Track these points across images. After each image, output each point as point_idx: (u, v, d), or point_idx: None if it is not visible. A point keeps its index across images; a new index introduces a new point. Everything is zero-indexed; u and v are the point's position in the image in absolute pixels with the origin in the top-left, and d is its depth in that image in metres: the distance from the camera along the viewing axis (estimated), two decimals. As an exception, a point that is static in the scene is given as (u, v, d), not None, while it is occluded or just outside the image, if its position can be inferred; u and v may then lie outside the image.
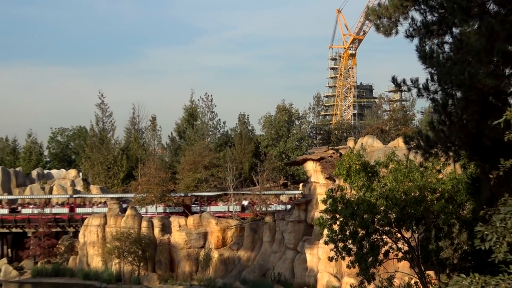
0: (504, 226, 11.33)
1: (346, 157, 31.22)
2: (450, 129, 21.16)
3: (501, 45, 19.52)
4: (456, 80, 20.23)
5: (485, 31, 20.19)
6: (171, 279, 77.33)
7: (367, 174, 30.24)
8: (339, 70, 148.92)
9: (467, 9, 21.17)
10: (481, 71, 20.24)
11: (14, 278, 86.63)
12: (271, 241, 73.72)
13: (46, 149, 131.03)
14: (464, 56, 20.46)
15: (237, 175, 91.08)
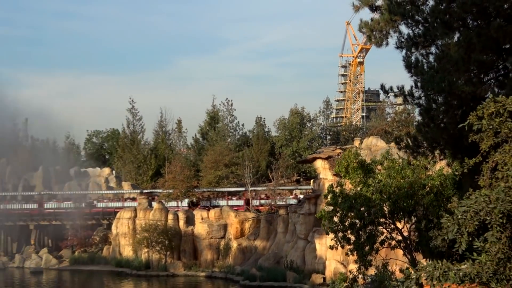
0: (465, 218, 11.61)
1: (345, 156, 31.49)
2: (433, 131, 21.38)
3: (477, 55, 19.77)
4: (438, 87, 20.45)
5: (463, 43, 20.44)
6: (194, 266, 77.79)
7: (363, 171, 30.49)
8: (349, 76, 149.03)
9: (448, 23, 21.40)
10: (459, 79, 20.50)
11: (54, 266, 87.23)
12: (285, 232, 73.91)
13: (83, 150, 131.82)
14: (444, 65, 20.69)
15: (254, 173, 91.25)
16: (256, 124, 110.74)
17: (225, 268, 74.84)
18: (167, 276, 76.57)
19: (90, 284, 76.91)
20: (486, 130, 12.52)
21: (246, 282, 68.12)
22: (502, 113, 12.44)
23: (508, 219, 11.51)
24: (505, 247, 11.50)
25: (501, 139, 12.45)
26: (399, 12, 23.21)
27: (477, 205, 11.61)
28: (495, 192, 11.75)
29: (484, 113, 12.60)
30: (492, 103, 12.58)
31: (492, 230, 11.44)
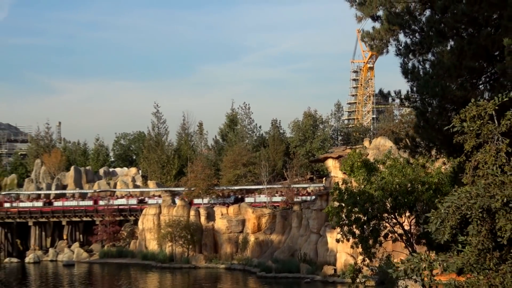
0: (447, 212, 11.80)
1: (350, 155, 31.65)
2: (428, 132, 21.51)
3: (468, 62, 19.88)
4: (432, 91, 20.57)
5: (456, 50, 20.55)
6: (215, 259, 78.07)
7: (367, 169, 30.62)
8: (360, 81, 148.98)
9: (442, 32, 21.53)
10: (452, 84, 20.63)
11: (84, 259, 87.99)
12: (298, 227, 74.01)
13: (111, 151, 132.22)
14: (438, 71, 20.81)
15: (270, 171, 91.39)
16: (272, 126, 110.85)
17: (243, 260, 75.14)
18: (189, 268, 76.96)
19: (118, 276, 77.25)
20: (469, 131, 12.71)
21: (262, 273, 68.36)
22: (483, 116, 12.63)
23: (488, 213, 11.71)
24: (485, 239, 11.69)
25: (482, 140, 12.63)
26: (397, 22, 23.34)
27: (458, 201, 11.81)
28: (476, 189, 11.95)
29: (467, 116, 12.79)
30: (474, 107, 12.76)
31: (473, 223, 11.65)
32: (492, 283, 11.59)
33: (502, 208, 11.53)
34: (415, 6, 23.86)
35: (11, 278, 75.04)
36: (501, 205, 11.49)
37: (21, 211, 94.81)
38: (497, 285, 11.55)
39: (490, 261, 11.78)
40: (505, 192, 11.56)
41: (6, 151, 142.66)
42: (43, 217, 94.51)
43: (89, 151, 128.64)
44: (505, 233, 11.49)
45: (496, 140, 12.52)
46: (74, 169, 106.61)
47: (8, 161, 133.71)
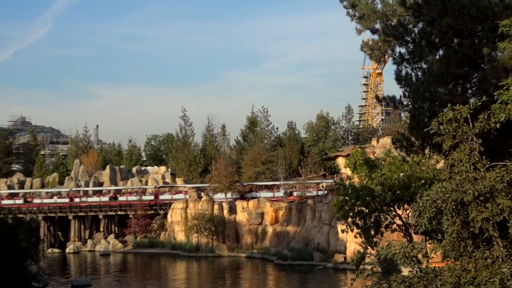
0: (425, 206, 12.08)
1: (353, 154, 31.82)
2: (420, 133, 21.73)
3: (454, 69, 20.10)
4: (422, 96, 20.82)
5: (443, 59, 20.79)
6: (236, 248, 78.46)
7: (368, 166, 30.79)
8: (370, 85, 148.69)
9: (432, 42, 21.77)
10: (440, 89, 20.85)
11: (119, 249, 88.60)
12: (312, 219, 74.16)
13: (143, 151, 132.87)
14: (428, 78, 21.06)
15: (287, 168, 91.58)
16: (288, 127, 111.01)
17: (262, 249, 75.48)
18: (213, 257, 77.29)
19: (150, 264, 77.78)
20: (445, 133, 12.97)
21: (279, 261, 68.57)
22: (459, 119, 12.88)
23: (462, 206, 11.97)
24: (459, 229, 11.95)
25: (458, 140, 12.89)
26: (392, 34, 23.56)
27: (435, 195, 12.09)
28: (450, 184, 12.23)
29: (444, 119, 13.05)
30: (451, 111, 13.03)
31: (447, 215, 11.92)
32: (466, 268, 11.85)
33: (474, 201, 11.79)
34: (409, 19, 24.08)
35: (53, 267, 75.88)
36: (472, 199, 11.75)
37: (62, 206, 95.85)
38: (470, 270, 11.81)
39: (464, 249, 12.05)
40: (476, 187, 11.82)
41: (49, 152, 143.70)
42: (82, 212, 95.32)
43: (123, 151, 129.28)
44: (477, 223, 11.76)
45: (470, 141, 12.78)
46: (109, 168, 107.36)
47: (50, 161, 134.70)
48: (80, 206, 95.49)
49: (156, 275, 69.69)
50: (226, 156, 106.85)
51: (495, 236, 11.85)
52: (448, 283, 11.64)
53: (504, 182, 11.81)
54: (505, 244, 11.96)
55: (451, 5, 19.23)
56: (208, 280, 64.86)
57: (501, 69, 17.97)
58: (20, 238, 46.20)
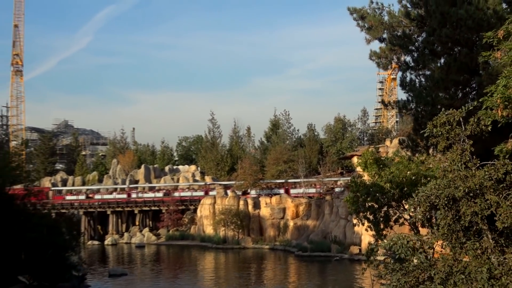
0: (419, 201, 12.26)
1: (364, 154, 31.89)
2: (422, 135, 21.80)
3: (453, 76, 20.19)
4: (424, 101, 20.92)
5: (444, 66, 20.88)
6: (260, 241, 78.69)
7: (378, 165, 30.86)
8: (385, 90, 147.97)
9: (434, 51, 21.86)
10: (441, 94, 20.93)
11: (153, 241, 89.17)
12: (330, 213, 74.14)
13: (175, 151, 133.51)
14: (429, 84, 21.14)
15: (307, 167, 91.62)
16: (308, 129, 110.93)
17: (284, 242, 75.65)
18: (239, 248, 77.60)
19: (181, 255, 78.20)
20: (439, 135, 13.13)
21: (299, 252, 68.68)
22: (452, 122, 13.03)
23: (453, 201, 12.12)
24: (451, 222, 12.11)
25: (451, 142, 13.03)
26: (397, 43, 23.71)
27: (429, 191, 12.26)
28: (443, 181, 12.39)
29: (438, 122, 13.20)
30: (444, 115, 13.18)
31: (440, 209, 12.07)
32: (457, 258, 12.01)
33: (464, 197, 11.94)
34: (413, 30, 24.20)
35: (93, 258, 76.64)
36: (463, 194, 11.90)
37: (101, 202, 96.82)
38: (461, 260, 11.97)
39: (456, 240, 12.20)
40: (466, 184, 11.97)
41: (90, 153, 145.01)
42: (119, 207, 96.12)
43: (156, 152, 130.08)
44: (467, 217, 11.91)
45: (462, 142, 12.92)
46: (144, 167, 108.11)
47: (91, 161, 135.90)
48: (117, 202, 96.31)
49: (187, 265, 70.00)
50: (251, 156, 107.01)
51: (484, 228, 11.99)
52: (441, 272, 11.80)
53: (492, 180, 11.95)
54: (493, 236, 12.10)
55: (450, 17, 19.31)
56: (234, 269, 65.16)
57: (495, 75, 17.99)
58: (62, 231, 46.83)
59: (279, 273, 60.16)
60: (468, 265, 11.70)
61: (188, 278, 58.65)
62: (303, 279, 56.32)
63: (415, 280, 12.08)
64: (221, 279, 58.23)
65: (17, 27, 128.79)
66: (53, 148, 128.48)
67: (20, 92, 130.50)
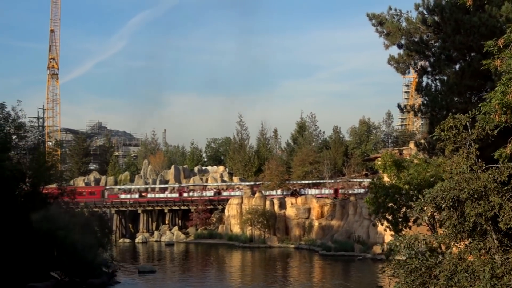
0: (426, 202, 12.47)
1: (383, 156, 32.05)
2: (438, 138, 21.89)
3: (467, 81, 20.28)
4: (439, 105, 21.03)
5: (459, 72, 20.99)
6: (286, 240, 78.94)
7: (396, 167, 30.99)
8: (410, 93, 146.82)
9: (450, 57, 21.97)
10: (456, 98, 21.03)
11: (182, 240, 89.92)
12: (354, 214, 74.10)
13: (204, 153, 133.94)
14: (444, 88, 21.25)
15: (332, 168, 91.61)
16: (334, 131, 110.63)
17: (309, 241, 75.87)
18: (265, 247, 77.96)
19: (209, 253, 78.75)
20: (446, 139, 13.32)
21: (324, 252, 68.83)
22: (458, 126, 13.21)
23: (459, 203, 12.32)
24: (456, 222, 12.30)
25: (458, 145, 13.22)
26: (414, 49, 23.84)
27: (435, 193, 12.47)
28: (448, 183, 12.58)
29: (445, 127, 13.39)
30: (451, 119, 13.36)
31: (445, 210, 12.28)
32: (462, 257, 12.21)
33: (469, 198, 12.13)
34: (430, 36, 24.31)
35: (124, 255, 77.52)
36: (467, 196, 12.09)
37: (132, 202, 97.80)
38: (465, 259, 12.16)
39: (460, 240, 12.40)
40: (471, 186, 12.16)
41: (122, 153, 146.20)
42: (150, 206, 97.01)
43: (186, 153, 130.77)
44: (471, 218, 12.10)
45: (468, 145, 13.10)
46: (174, 167, 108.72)
47: (123, 161, 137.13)
48: (148, 201, 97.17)
49: (215, 263, 70.55)
50: (278, 157, 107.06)
51: (488, 229, 12.17)
52: (446, 270, 12.00)
53: (496, 182, 12.12)
54: (498, 236, 12.26)
55: (463, 24, 19.43)
56: (261, 267, 65.59)
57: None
58: (94, 229, 47.64)
59: (304, 272, 60.43)
60: (472, 264, 11.89)
61: (216, 276, 59.18)
62: (327, 277, 56.50)
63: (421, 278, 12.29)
64: (247, 277, 58.60)
65: (53, 32, 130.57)
66: (87, 148, 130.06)
67: (56, 95, 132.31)
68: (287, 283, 53.80)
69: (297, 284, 52.88)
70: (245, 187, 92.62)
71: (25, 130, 44.51)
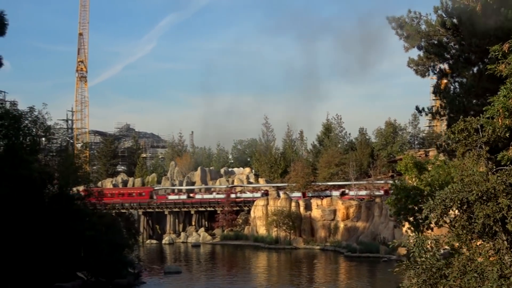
0: (435, 204, 12.68)
1: (404, 158, 32.11)
2: (457, 140, 22.00)
3: (484, 83, 20.38)
4: (456, 107, 21.16)
5: (476, 74, 21.11)
6: (311, 242, 79.11)
7: (417, 169, 31.04)
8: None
9: (469, 59, 22.09)
10: (474, 101, 21.15)
11: (208, 241, 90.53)
12: (380, 215, 74.06)
13: (230, 154, 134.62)
14: (462, 91, 21.38)
15: (358, 170, 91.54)
16: (360, 133, 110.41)
17: (334, 243, 75.94)
18: (291, 248, 78.19)
19: (235, 254, 79.26)
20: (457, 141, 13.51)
21: (349, 253, 68.92)
22: (469, 129, 13.40)
23: (468, 205, 12.53)
24: (464, 222, 12.51)
25: (468, 148, 13.40)
26: (433, 52, 23.99)
27: (444, 195, 12.69)
28: (458, 185, 12.80)
29: (456, 129, 13.59)
30: (462, 122, 13.56)
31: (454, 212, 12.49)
32: (471, 258, 12.41)
33: (478, 200, 12.33)
34: (450, 38, 24.43)
35: (151, 256, 78.38)
36: (476, 198, 12.29)
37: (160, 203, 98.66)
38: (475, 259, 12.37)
39: (469, 241, 12.60)
40: (480, 187, 12.35)
41: (150, 155, 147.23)
42: (176, 207, 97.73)
43: (212, 154, 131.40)
44: (480, 219, 12.30)
45: (478, 148, 13.29)
46: (200, 169, 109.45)
47: (151, 163, 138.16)
48: (174, 202, 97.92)
49: (241, 264, 70.97)
50: (304, 159, 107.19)
51: (498, 230, 12.35)
52: (456, 270, 12.22)
53: (505, 184, 12.30)
54: (507, 238, 12.44)
55: (479, 27, 19.55)
56: (286, 268, 65.90)
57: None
58: (120, 230, 48.30)
59: (330, 273, 60.53)
60: (481, 264, 12.09)
61: (242, 277, 59.51)
62: (352, 279, 56.61)
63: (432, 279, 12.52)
64: (273, 277, 58.92)
65: (81, 35, 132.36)
66: (114, 150, 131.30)
67: (84, 97, 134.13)
68: (313, 284, 54.04)
69: (323, 285, 53.11)
70: (270, 189, 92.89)
71: (53, 133, 45.24)
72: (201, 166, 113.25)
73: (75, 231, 40.52)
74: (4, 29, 38.48)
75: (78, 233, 40.72)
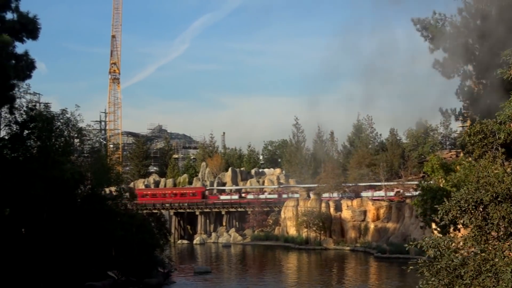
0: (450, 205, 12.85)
1: (430, 159, 32.14)
2: (479, 141, 22.05)
3: (507, 85, 20.39)
4: (479, 108, 21.22)
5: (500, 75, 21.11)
6: (341, 242, 79.12)
7: (444, 170, 31.05)
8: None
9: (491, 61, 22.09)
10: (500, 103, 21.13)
11: (239, 241, 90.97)
12: (410, 216, 73.66)
13: (261, 155, 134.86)
14: (485, 92, 21.41)
15: (388, 171, 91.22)
16: (390, 134, 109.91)
17: (364, 243, 75.90)
18: (321, 249, 78.32)
19: (266, 254, 79.50)
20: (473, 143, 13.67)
21: (379, 254, 68.76)
22: (485, 131, 13.55)
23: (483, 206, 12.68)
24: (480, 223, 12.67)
25: (484, 150, 13.55)
26: (458, 53, 24.04)
27: (459, 196, 12.86)
28: (473, 187, 12.96)
29: (472, 131, 13.75)
30: (478, 124, 13.71)
31: (467, 213, 12.66)
32: (486, 258, 12.56)
33: (492, 201, 12.49)
34: (474, 39, 24.46)
35: (182, 255, 79.15)
36: (491, 199, 12.45)
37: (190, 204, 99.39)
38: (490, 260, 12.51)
39: (485, 242, 12.75)
40: (494, 189, 12.51)
41: (182, 156, 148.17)
42: (207, 208, 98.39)
43: (243, 155, 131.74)
44: (495, 220, 12.45)
45: (495, 149, 13.44)
46: (231, 170, 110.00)
47: (182, 164, 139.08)
48: (205, 203, 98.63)
49: (271, 264, 71.20)
50: (334, 159, 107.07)
51: (512, 231, 12.49)
52: (471, 270, 12.38)
53: (520, 185, 12.44)
54: (523, 238, 12.57)
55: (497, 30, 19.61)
56: (316, 269, 66.03)
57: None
58: (151, 230, 48.93)
59: (360, 274, 60.55)
60: (496, 264, 12.23)
61: (271, 277, 59.72)
62: (382, 279, 56.57)
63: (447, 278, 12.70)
64: (304, 278, 59.15)
65: (114, 38, 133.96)
66: (147, 151, 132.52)
67: (117, 99, 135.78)
68: (343, 285, 54.10)
69: (353, 286, 53.12)
70: (300, 190, 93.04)
71: (85, 134, 46.08)
72: (231, 166, 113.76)
73: (106, 231, 41.24)
74: (37, 33, 39.49)
75: (109, 233, 41.44)
